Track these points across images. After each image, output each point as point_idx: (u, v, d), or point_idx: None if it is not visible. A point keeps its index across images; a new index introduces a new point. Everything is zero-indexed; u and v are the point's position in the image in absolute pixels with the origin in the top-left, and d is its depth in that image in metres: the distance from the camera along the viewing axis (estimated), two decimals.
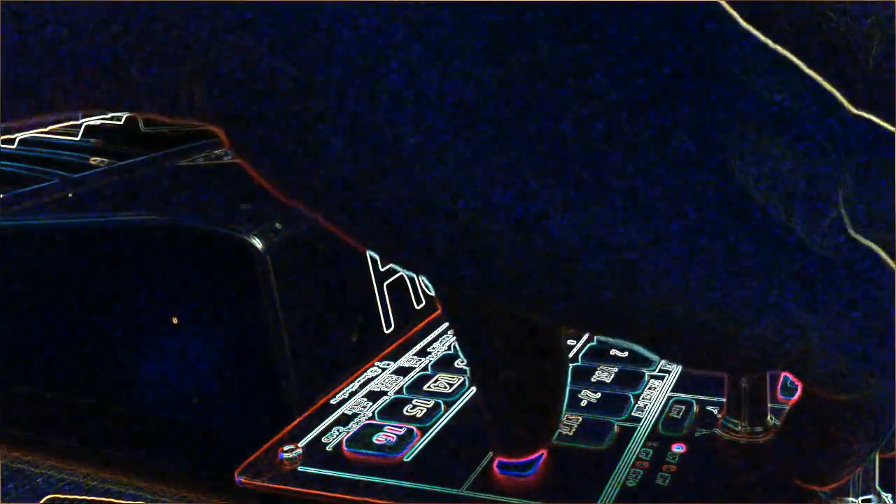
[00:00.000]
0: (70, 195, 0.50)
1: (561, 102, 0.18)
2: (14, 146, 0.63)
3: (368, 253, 0.40)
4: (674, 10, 0.18)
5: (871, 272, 0.19)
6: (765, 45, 0.19)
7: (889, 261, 0.19)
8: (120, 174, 0.55)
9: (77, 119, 0.70)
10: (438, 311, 0.42)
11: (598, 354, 0.39)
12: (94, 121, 0.69)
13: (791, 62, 0.19)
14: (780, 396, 0.34)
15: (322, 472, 0.32)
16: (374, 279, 0.42)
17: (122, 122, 0.68)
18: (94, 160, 0.58)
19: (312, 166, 0.18)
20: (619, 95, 0.18)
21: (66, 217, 0.46)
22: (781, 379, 0.35)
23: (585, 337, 0.42)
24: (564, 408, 0.28)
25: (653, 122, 0.18)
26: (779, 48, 0.19)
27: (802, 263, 0.18)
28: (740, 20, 0.19)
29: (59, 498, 0.37)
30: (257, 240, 0.36)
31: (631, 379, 0.37)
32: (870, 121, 0.19)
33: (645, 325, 0.19)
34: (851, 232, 0.19)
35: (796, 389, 0.23)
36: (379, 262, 0.42)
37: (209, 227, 0.37)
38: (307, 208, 0.20)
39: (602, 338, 0.27)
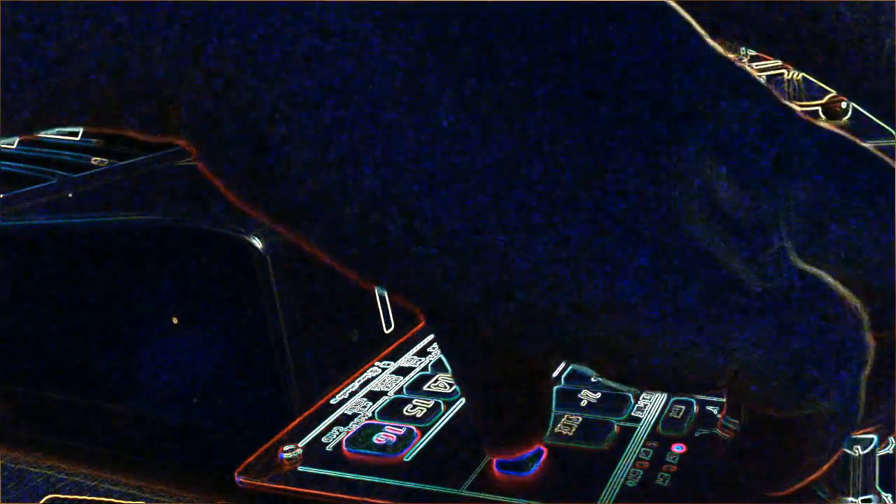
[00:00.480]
0: (70, 195, 0.50)
1: (500, 133, 0.18)
2: (14, 146, 0.63)
3: None
4: (625, 26, 0.18)
5: (813, 299, 0.19)
6: (718, 59, 0.19)
7: (833, 284, 0.19)
8: (120, 174, 0.55)
9: None
10: None
11: None
12: None
13: (745, 76, 0.19)
14: None
15: (322, 472, 0.32)
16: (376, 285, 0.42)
17: None
18: (94, 160, 0.58)
19: (275, 185, 0.18)
20: (561, 125, 0.18)
21: (66, 217, 0.46)
22: None
23: None
24: (554, 399, 0.28)
25: (595, 156, 0.18)
26: (733, 60, 0.19)
27: (738, 295, 0.18)
28: (697, 27, 0.19)
29: (59, 498, 0.37)
30: (257, 240, 0.36)
31: None
32: (831, 133, 0.20)
33: (588, 349, 0.20)
34: (796, 261, 0.19)
35: None
36: None
37: (209, 227, 0.37)
38: (273, 225, 0.20)
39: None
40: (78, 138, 0.65)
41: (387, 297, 0.42)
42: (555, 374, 0.37)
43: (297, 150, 0.18)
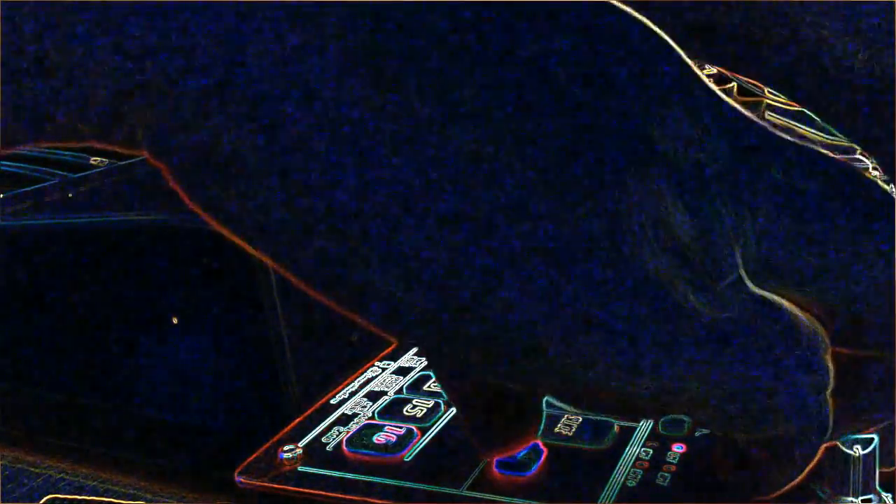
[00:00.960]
0: (70, 195, 0.50)
1: (459, 163, 0.18)
2: None
3: None
4: (587, 35, 0.18)
5: (767, 327, 0.19)
6: (685, 83, 0.19)
7: (790, 309, 0.19)
8: (120, 174, 0.55)
9: None
10: None
11: None
12: None
13: (713, 101, 0.19)
14: None
15: (322, 472, 0.32)
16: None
17: None
18: (94, 160, 0.58)
19: (245, 209, 0.18)
20: (513, 158, 0.18)
21: (66, 217, 0.46)
22: None
23: None
24: (544, 403, 0.28)
25: (549, 186, 0.18)
26: (704, 82, 0.19)
27: (691, 326, 0.18)
28: (664, 37, 0.19)
29: (59, 498, 0.37)
30: None
31: None
32: (798, 149, 0.19)
33: (550, 382, 0.20)
34: (752, 288, 0.19)
35: None
36: None
37: (209, 227, 0.37)
38: (247, 246, 0.20)
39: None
40: None
41: None
42: None
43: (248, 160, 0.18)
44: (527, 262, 0.18)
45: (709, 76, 0.19)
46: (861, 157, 0.21)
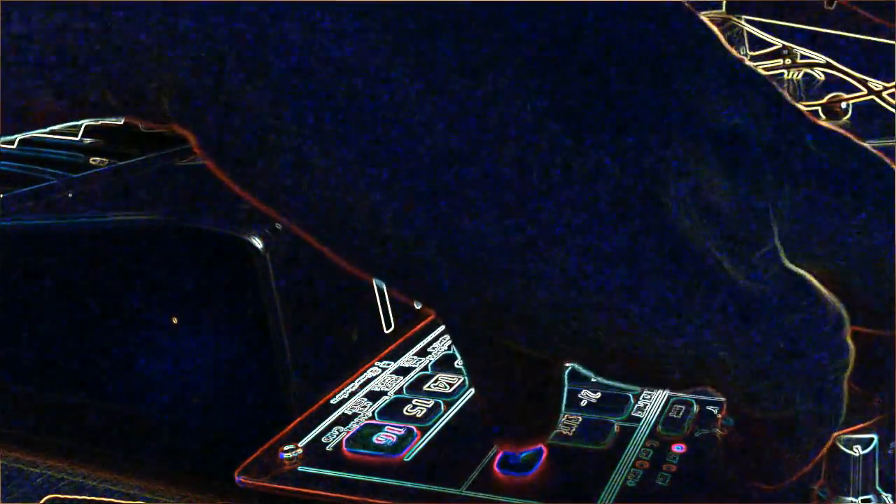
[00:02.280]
0: (70, 195, 0.50)
1: (501, 137, 0.18)
2: (14, 146, 0.63)
3: None
4: (624, 21, 0.19)
5: (799, 301, 0.19)
6: (720, 57, 0.19)
7: (818, 286, 0.19)
8: (120, 174, 0.55)
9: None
10: None
11: None
12: (94, 121, 0.69)
13: (752, 76, 0.19)
14: None
15: (322, 472, 0.32)
16: (374, 280, 0.42)
17: (122, 122, 0.68)
18: (94, 160, 0.58)
19: (274, 172, 0.18)
20: (551, 124, 0.18)
21: (66, 217, 0.46)
22: None
23: None
24: (564, 399, 0.28)
25: (590, 151, 0.18)
26: (739, 59, 0.19)
27: (722, 295, 0.19)
28: (704, 21, 0.19)
29: (59, 498, 0.37)
30: (257, 240, 0.36)
31: None
32: (830, 132, 0.20)
33: (584, 348, 0.20)
34: (784, 261, 0.19)
35: None
36: None
37: (209, 227, 0.37)
38: (274, 213, 0.20)
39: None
40: (78, 138, 0.65)
41: (387, 296, 0.42)
42: None
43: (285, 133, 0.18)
44: (564, 226, 0.18)
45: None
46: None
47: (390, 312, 0.42)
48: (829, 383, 0.20)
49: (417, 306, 0.22)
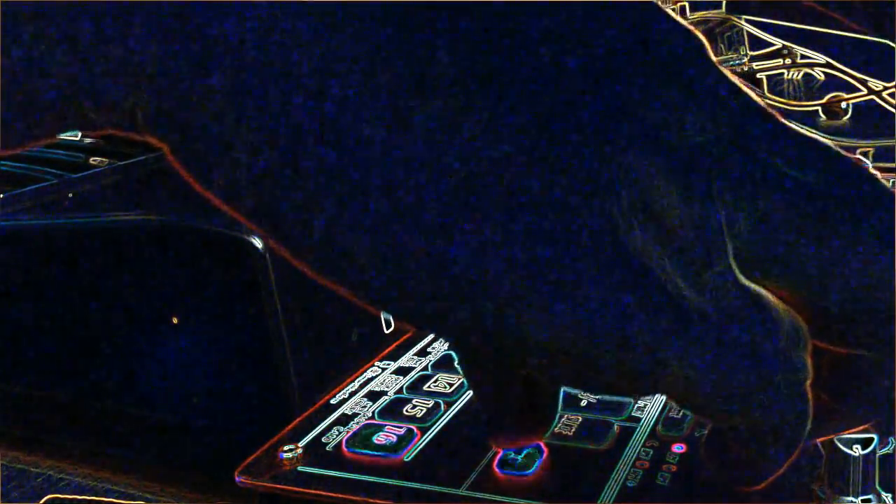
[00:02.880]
0: (70, 195, 0.50)
1: (467, 141, 0.18)
2: None
3: None
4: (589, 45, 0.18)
5: (749, 317, 0.19)
6: (699, 72, 0.19)
7: (774, 302, 0.19)
8: (120, 174, 0.55)
9: None
10: None
11: None
12: None
13: (727, 90, 0.19)
14: None
15: (322, 472, 0.32)
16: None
17: None
18: (93, 160, 0.58)
19: (248, 183, 0.19)
20: (501, 138, 0.18)
21: (66, 217, 0.46)
22: None
23: None
24: (560, 396, 0.28)
25: (536, 168, 0.18)
26: (721, 70, 0.19)
27: (669, 311, 0.18)
28: (691, 30, 0.19)
29: (59, 498, 0.37)
30: (257, 240, 0.36)
31: None
32: (800, 138, 0.19)
33: (525, 355, 0.20)
34: (739, 277, 0.19)
35: None
36: None
37: (209, 227, 0.37)
38: (249, 223, 0.20)
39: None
40: (78, 138, 0.65)
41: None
42: None
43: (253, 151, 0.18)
44: (512, 239, 0.18)
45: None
46: (861, 158, 0.21)
47: None
48: (787, 397, 0.20)
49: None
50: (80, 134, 0.65)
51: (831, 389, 0.21)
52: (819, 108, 0.64)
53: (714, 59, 0.19)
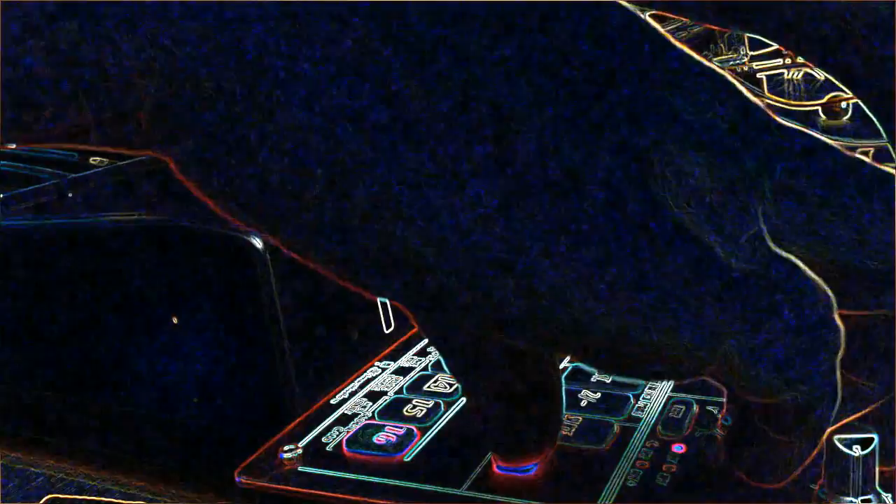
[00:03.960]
0: (70, 195, 0.50)
1: (481, 121, 0.18)
2: (14, 146, 0.63)
3: None
4: (598, 30, 0.19)
5: (788, 283, 0.20)
6: (692, 60, 0.20)
7: (808, 272, 0.20)
8: (120, 174, 0.55)
9: None
10: None
11: None
12: None
13: (720, 76, 0.20)
14: None
15: (322, 472, 0.32)
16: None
17: None
18: (93, 160, 0.58)
19: (252, 182, 0.19)
20: (546, 112, 0.18)
21: (66, 217, 0.46)
22: None
23: None
24: (563, 411, 0.28)
25: (577, 136, 0.18)
26: (708, 62, 0.20)
27: (719, 278, 0.19)
28: (665, 34, 0.20)
29: (59, 498, 0.37)
30: (257, 240, 0.36)
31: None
32: (802, 133, 0.20)
33: (576, 338, 0.20)
34: (771, 245, 0.19)
35: None
36: None
37: (209, 227, 0.37)
38: (254, 225, 0.20)
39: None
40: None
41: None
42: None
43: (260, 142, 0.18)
44: (555, 215, 0.18)
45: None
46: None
47: (390, 312, 0.42)
48: (825, 363, 0.20)
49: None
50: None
51: (851, 365, 0.21)
52: (819, 108, 0.64)
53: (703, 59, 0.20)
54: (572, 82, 0.18)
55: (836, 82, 0.21)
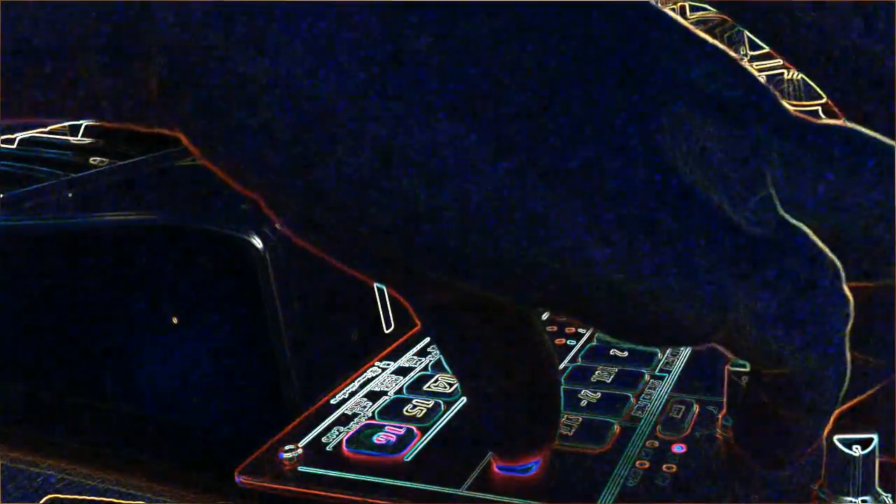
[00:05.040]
0: (70, 195, 0.50)
1: (506, 80, 0.18)
2: (14, 146, 0.63)
3: None
4: (611, 8, 0.19)
5: (798, 249, 0.20)
6: (700, 39, 0.20)
7: (817, 241, 0.20)
8: (120, 174, 0.55)
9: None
10: None
11: (598, 354, 0.39)
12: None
13: (729, 55, 0.20)
14: None
15: (322, 472, 0.32)
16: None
17: None
18: (93, 160, 0.58)
19: (263, 148, 0.18)
20: (556, 74, 0.18)
21: (66, 217, 0.46)
22: None
23: (585, 337, 0.42)
24: (562, 407, 0.28)
25: (587, 99, 0.18)
26: (716, 43, 0.20)
27: (729, 240, 0.19)
28: (674, 16, 0.20)
29: (59, 498, 0.37)
30: (257, 240, 0.36)
31: (631, 379, 0.37)
32: (801, 116, 0.20)
33: (576, 297, 0.20)
34: (781, 212, 0.20)
35: None
36: None
37: (209, 227, 0.37)
38: (265, 199, 0.20)
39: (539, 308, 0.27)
40: (78, 138, 0.65)
41: (387, 296, 0.42)
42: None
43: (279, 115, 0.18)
44: (569, 175, 0.18)
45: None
46: None
47: (390, 312, 0.42)
48: (835, 333, 0.20)
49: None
50: (80, 134, 0.65)
51: (856, 343, 0.21)
52: (819, 108, 0.64)
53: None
54: (586, 47, 0.19)
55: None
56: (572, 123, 0.18)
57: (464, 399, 0.36)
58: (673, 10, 0.21)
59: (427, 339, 0.42)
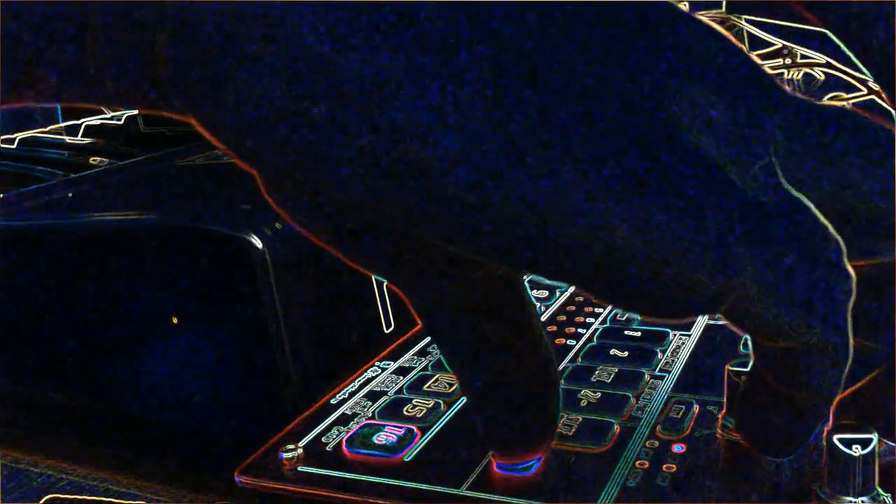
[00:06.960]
0: (70, 195, 0.50)
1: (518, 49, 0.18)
2: (14, 146, 0.63)
3: None
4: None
5: (803, 219, 0.20)
6: (706, 24, 0.20)
7: (819, 215, 0.20)
8: (120, 174, 0.55)
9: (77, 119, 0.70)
10: None
11: (598, 354, 0.39)
12: (94, 121, 0.69)
13: (732, 41, 0.21)
14: None
15: (322, 472, 0.32)
16: (374, 279, 0.42)
17: (122, 122, 0.68)
18: (94, 160, 0.58)
19: (272, 122, 0.18)
20: (567, 44, 0.19)
21: (66, 217, 0.46)
22: None
23: (585, 337, 0.42)
24: (560, 406, 0.28)
25: (596, 67, 0.19)
26: (721, 29, 0.20)
27: (736, 203, 0.19)
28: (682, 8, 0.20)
29: (59, 498, 0.37)
30: (257, 240, 0.36)
31: (631, 379, 0.37)
32: (803, 97, 0.21)
33: (584, 265, 0.20)
34: (784, 183, 0.20)
35: None
36: None
37: (209, 227, 0.37)
38: (269, 178, 0.20)
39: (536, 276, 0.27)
40: (78, 138, 0.65)
41: (387, 296, 0.42)
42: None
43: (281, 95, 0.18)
44: (571, 141, 0.18)
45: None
46: None
47: (390, 312, 0.42)
48: (839, 308, 0.20)
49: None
50: (80, 134, 0.65)
51: (855, 327, 0.21)
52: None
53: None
54: (607, 28, 0.19)
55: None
56: (586, 91, 0.18)
57: (464, 399, 0.36)
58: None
59: (427, 339, 0.42)
